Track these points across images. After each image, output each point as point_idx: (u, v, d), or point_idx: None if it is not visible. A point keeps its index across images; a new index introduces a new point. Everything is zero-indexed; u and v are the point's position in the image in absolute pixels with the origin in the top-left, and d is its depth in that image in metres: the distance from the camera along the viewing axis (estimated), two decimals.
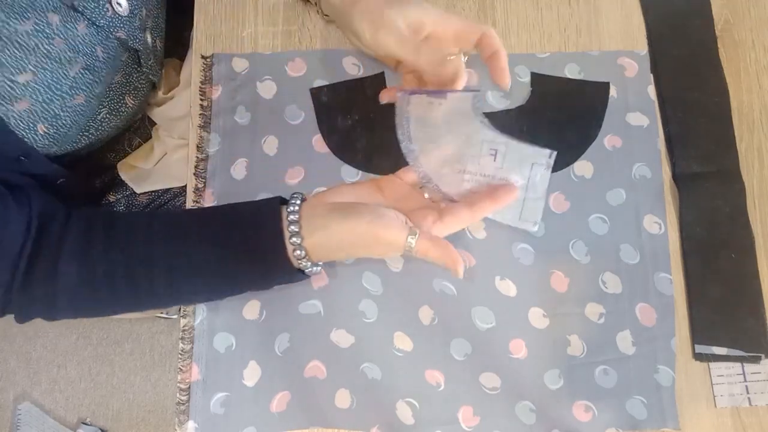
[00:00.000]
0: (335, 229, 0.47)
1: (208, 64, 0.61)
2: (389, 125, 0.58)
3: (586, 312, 0.54)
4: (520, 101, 0.59)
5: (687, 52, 0.60)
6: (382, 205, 0.49)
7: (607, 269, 0.55)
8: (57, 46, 0.49)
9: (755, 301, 0.54)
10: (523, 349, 0.53)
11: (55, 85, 0.50)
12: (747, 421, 0.52)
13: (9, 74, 0.47)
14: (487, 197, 0.50)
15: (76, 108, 0.53)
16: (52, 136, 0.52)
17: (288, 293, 0.54)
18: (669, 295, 0.54)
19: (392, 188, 0.52)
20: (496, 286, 0.55)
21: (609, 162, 0.57)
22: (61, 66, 0.50)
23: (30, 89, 0.48)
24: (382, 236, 0.46)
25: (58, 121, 0.52)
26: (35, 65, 0.48)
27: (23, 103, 0.48)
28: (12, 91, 0.47)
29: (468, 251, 0.55)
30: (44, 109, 0.50)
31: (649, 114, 0.59)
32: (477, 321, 0.54)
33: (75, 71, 0.51)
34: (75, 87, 0.52)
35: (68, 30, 0.49)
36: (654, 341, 0.53)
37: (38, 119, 0.50)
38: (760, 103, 0.59)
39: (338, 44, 0.61)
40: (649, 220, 0.56)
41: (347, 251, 0.50)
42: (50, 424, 1.29)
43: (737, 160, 0.57)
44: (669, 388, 0.52)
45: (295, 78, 0.60)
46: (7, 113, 0.48)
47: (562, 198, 0.57)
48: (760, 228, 0.56)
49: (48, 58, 0.48)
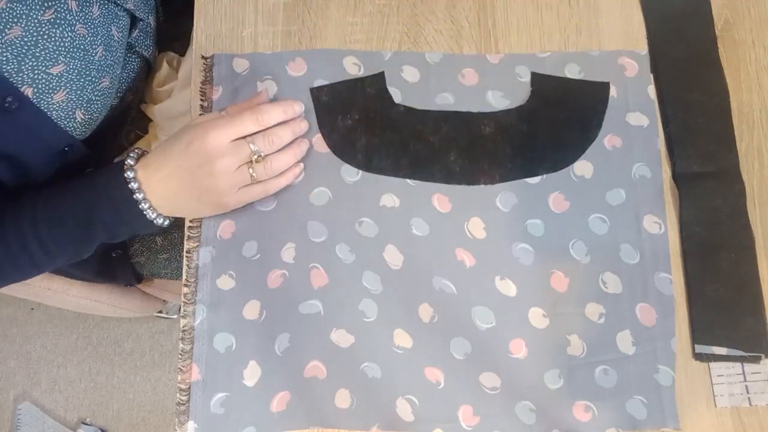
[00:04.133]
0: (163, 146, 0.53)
1: (209, 64, 0.61)
2: (389, 125, 0.58)
3: (586, 312, 0.54)
4: (520, 101, 0.59)
5: (687, 52, 0.60)
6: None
7: (607, 269, 0.55)
8: (79, 32, 0.51)
9: (755, 301, 0.54)
10: (523, 348, 0.53)
11: (85, 71, 0.52)
12: (747, 421, 0.52)
13: (44, 68, 0.49)
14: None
15: (104, 91, 0.55)
16: (87, 122, 0.55)
17: (288, 294, 0.55)
18: (669, 294, 0.54)
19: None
20: (496, 285, 0.55)
21: (609, 162, 0.57)
22: (86, 53, 0.52)
23: (65, 79, 0.50)
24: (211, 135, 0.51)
25: (92, 106, 0.54)
26: (65, 55, 0.50)
27: (61, 94, 0.50)
28: (49, 83, 0.49)
29: (468, 251, 0.55)
30: (79, 96, 0.52)
31: (649, 114, 0.59)
32: (477, 320, 0.54)
33: (98, 55, 0.53)
34: (100, 70, 0.54)
35: (85, 14, 0.51)
36: (654, 341, 0.53)
37: (76, 107, 0.52)
38: (760, 102, 0.59)
39: (338, 44, 0.61)
40: (649, 220, 0.56)
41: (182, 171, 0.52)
42: (50, 424, 1.29)
43: (737, 160, 0.57)
44: (669, 388, 0.52)
45: (296, 78, 0.60)
46: (49, 106, 0.50)
47: (562, 198, 0.57)
48: (760, 228, 0.56)
49: (74, 47, 0.51)
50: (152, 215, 0.53)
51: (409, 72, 0.60)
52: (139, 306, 0.95)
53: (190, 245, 0.57)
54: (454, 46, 0.61)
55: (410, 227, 0.56)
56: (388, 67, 0.60)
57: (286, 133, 0.55)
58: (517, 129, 0.58)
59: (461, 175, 0.57)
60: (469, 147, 0.58)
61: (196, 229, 0.57)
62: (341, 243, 0.55)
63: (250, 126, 0.53)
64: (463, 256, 0.55)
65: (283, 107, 0.56)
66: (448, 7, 0.62)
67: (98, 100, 0.55)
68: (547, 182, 0.57)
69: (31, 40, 0.47)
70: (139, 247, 0.76)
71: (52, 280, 0.78)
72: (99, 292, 0.84)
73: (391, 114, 0.59)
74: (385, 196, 0.57)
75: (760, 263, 0.55)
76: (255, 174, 0.53)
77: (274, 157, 0.54)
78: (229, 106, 0.56)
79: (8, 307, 1.36)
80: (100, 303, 0.86)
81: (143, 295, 0.94)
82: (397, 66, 0.60)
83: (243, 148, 0.53)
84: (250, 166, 0.53)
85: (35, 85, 0.48)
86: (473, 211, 0.56)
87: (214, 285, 0.55)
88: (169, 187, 0.52)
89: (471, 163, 0.57)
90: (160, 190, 0.52)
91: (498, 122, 0.58)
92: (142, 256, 0.76)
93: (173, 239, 0.75)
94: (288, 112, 0.56)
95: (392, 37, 0.61)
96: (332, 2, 0.62)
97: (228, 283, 0.55)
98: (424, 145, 0.58)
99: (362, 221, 0.56)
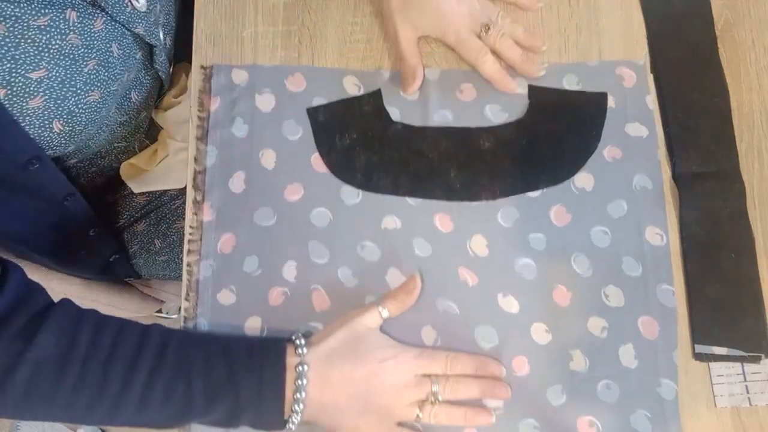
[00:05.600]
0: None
1: (207, 74, 0.60)
2: (387, 143, 0.57)
3: (588, 326, 0.54)
4: (518, 114, 0.59)
5: (687, 52, 0.60)
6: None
7: (610, 282, 0.54)
8: (71, 42, 0.48)
9: (755, 301, 0.54)
10: (525, 365, 0.53)
11: (69, 81, 0.50)
12: (747, 421, 0.52)
13: (23, 71, 0.46)
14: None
15: (92, 105, 0.53)
16: (68, 134, 0.52)
17: (289, 313, 0.54)
18: (671, 307, 0.54)
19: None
20: (498, 303, 0.54)
21: (609, 173, 0.57)
22: (75, 62, 0.49)
23: (44, 85, 0.48)
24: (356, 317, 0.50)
25: (74, 119, 0.51)
26: (49, 62, 0.47)
27: (37, 100, 0.48)
28: (26, 87, 0.47)
29: (470, 270, 0.55)
30: (58, 105, 0.49)
31: (648, 124, 0.58)
32: (480, 340, 0.53)
33: (89, 67, 0.51)
34: (89, 83, 0.51)
35: (84, 26, 0.49)
36: (656, 354, 0.53)
37: (54, 116, 0.50)
38: (760, 103, 0.59)
39: (338, 44, 0.61)
40: (651, 232, 0.56)
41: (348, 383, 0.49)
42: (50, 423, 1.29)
43: (737, 160, 0.57)
44: (672, 402, 0.52)
45: (294, 93, 0.59)
46: (22, 111, 0.47)
47: (564, 211, 0.56)
48: (760, 228, 0.56)
49: (61, 55, 0.48)
50: (296, 420, 0.48)
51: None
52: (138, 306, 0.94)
53: (190, 258, 0.56)
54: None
55: (413, 248, 0.55)
56: (388, 87, 0.59)
57: (472, 388, 0.51)
58: (516, 142, 0.58)
59: (462, 191, 0.57)
60: (469, 162, 0.57)
61: (197, 243, 0.56)
62: (343, 266, 0.55)
63: (439, 368, 0.51)
64: (465, 275, 0.55)
65: (478, 364, 0.52)
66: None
67: (82, 114, 0.52)
68: (548, 195, 0.56)
69: (13, 41, 0.45)
70: (138, 250, 0.75)
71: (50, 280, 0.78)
72: (98, 292, 0.84)
73: (389, 132, 0.58)
74: (386, 218, 0.56)
75: (760, 263, 0.55)
76: (421, 415, 0.50)
77: (444, 406, 0.50)
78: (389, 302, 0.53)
79: None
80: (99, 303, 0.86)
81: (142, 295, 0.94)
82: (397, 85, 0.59)
83: (425, 385, 0.50)
84: (419, 406, 0.50)
85: (9, 87, 0.46)
86: (475, 229, 0.56)
87: (215, 299, 0.55)
88: (342, 392, 0.49)
89: (471, 178, 0.57)
90: (328, 393, 0.48)
91: (497, 136, 0.58)
92: (140, 258, 0.76)
93: (171, 242, 0.74)
94: (484, 369, 0.52)
95: None
96: (332, 2, 0.62)
97: (229, 298, 0.55)
98: (423, 161, 0.57)
99: (364, 245, 0.56)
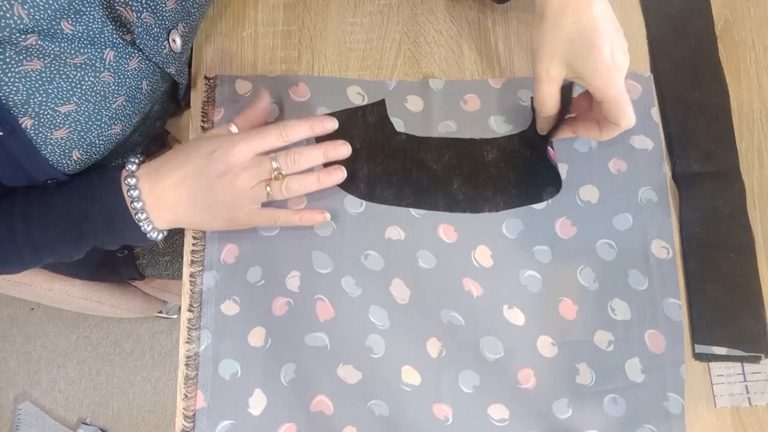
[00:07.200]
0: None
1: (211, 85, 0.60)
2: (391, 153, 0.57)
3: (594, 340, 0.53)
4: (522, 126, 0.58)
5: (687, 52, 0.60)
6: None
7: (616, 296, 0.54)
8: (103, 80, 0.48)
9: (755, 301, 0.54)
10: (531, 378, 0.52)
11: (96, 115, 0.49)
12: (747, 421, 0.52)
13: (53, 104, 0.46)
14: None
15: (112, 137, 0.52)
16: (84, 162, 0.52)
17: (293, 323, 0.54)
18: (678, 321, 0.53)
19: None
20: (504, 315, 0.54)
21: (615, 186, 0.57)
22: (104, 99, 0.49)
23: (71, 119, 0.47)
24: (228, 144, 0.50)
25: (93, 149, 0.51)
26: (80, 97, 0.47)
27: (62, 131, 0.48)
28: (53, 119, 0.46)
29: (475, 280, 0.55)
30: (81, 137, 0.49)
31: (653, 137, 0.58)
32: (485, 351, 0.53)
33: (117, 103, 0.50)
34: (114, 118, 0.51)
35: (119, 65, 0.49)
36: (663, 368, 0.52)
37: (74, 146, 0.49)
38: (760, 102, 0.59)
39: (338, 44, 0.61)
40: (657, 245, 0.55)
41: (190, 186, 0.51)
42: (50, 424, 1.29)
43: (737, 160, 0.57)
44: (678, 416, 0.51)
45: (299, 103, 0.59)
46: (46, 140, 0.47)
47: (569, 224, 0.56)
48: (760, 228, 0.56)
49: (93, 92, 0.48)
50: (147, 228, 0.51)
51: (413, 102, 0.59)
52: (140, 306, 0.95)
53: (193, 269, 0.55)
54: (454, 46, 0.61)
55: (417, 260, 0.55)
56: (392, 97, 0.59)
57: (313, 154, 0.52)
58: (519, 154, 0.57)
59: (465, 203, 0.56)
60: (473, 174, 0.57)
61: (199, 254, 0.56)
62: (347, 276, 0.55)
63: (274, 141, 0.51)
64: (470, 286, 0.54)
65: (311, 123, 0.53)
66: (448, 7, 0.62)
67: (101, 144, 0.52)
68: (552, 208, 0.56)
69: (48, 76, 0.44)
70: (142, 250, 0.76)
71: (53, 281, 0.78)
72: (99, 292, 0.84)
73: (392, 142, 0.58)
74: (390, 229, 0.56)
75: (760, 263, 0.55)
76: (271, 191, 0.51)
77: (294, 177, 0.52)
78: (237, 118, 0.54)
79: (8, 307, 1.36)
80: (101, 303, 0.86)
81: (144, 296, 0.94)
82: (401, 96, 0.59)
83: (264, 163, 0.51)
84: (267, 184, 0.51)
85: (37, 119, 0.45)
86: (480, 240, 0.56)
87: (219, 310, 0.54)
88: (180, 195, 0.50)
89: (474, 190, 0.57)
90: (167, 196, 0.50)
91: (501, 148, 0.58)
92: (144, 258, 0.76)
93: (175, 242, 0.75)
94: (316, 128, 0.53)
95: (392, 37, 0.61)
96: (332, 2, 0.62)
97: (232, 308, 0.55)
98: (426, 173, 0.57)
99: (368, 254, 0.55)
